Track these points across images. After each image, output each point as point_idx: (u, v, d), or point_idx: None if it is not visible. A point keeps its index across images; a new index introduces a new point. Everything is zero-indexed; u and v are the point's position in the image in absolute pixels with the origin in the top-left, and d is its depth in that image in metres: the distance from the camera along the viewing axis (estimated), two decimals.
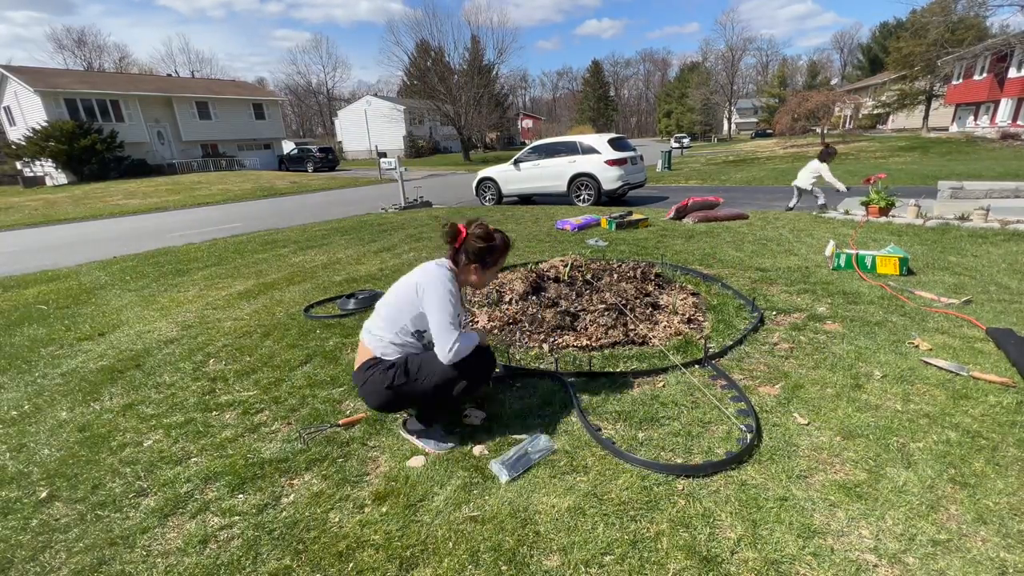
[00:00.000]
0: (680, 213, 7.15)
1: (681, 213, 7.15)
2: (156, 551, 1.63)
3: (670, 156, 19.57)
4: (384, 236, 7.30)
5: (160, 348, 3.40)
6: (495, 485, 1.83)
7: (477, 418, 2.24)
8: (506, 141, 47.69)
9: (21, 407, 2.69)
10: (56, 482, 2.02)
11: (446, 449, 2.04)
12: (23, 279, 6.11)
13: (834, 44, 74.63)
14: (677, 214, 7.16)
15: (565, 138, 10.65)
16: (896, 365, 2.51)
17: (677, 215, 7.16)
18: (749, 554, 1.47)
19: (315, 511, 1.75)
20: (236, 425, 2.35)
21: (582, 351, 2.85)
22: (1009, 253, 4.45)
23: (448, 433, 2.13)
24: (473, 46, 36.96)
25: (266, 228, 9.27)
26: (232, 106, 29.83)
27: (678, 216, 7.15)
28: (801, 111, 26.01)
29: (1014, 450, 1.85)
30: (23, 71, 24.97)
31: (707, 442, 1.99)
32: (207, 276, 5.49)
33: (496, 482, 1.84)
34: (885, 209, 6.20)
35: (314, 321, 3.71)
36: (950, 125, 31.54)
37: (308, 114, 71.55)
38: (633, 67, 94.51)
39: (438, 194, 13.91)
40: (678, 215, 7.16)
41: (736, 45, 57.65)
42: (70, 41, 51.25)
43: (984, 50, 23.33)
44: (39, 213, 14.20)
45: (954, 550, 1.45)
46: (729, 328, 3.10)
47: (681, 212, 7.16)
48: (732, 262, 4.60)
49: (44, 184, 23.54)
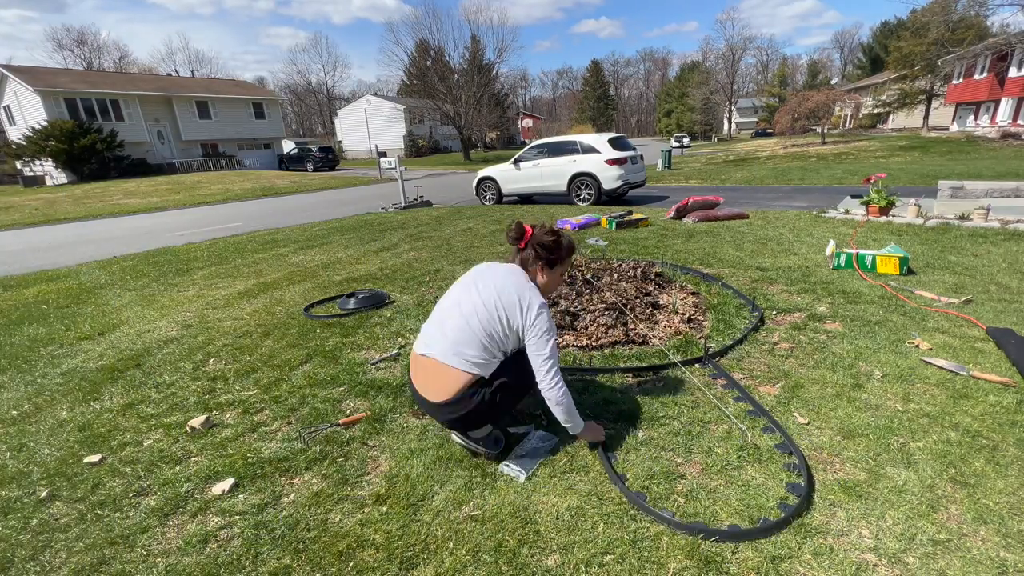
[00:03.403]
0: (680, 212, 7.15)
1: (681, 212, 7.15)
2: (156, 551, 1.63)
3: (670, 155, 19.56)
4: (384, 235, 7.29)
5: (160, 348, 3.40)
6: (495, 484, 1.83)
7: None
8: (506, 140, 47.66)
9: (21, 406, 2.69)
10: (56, 482, 2.02)
11: (502, 447, 2.00)
12: (23, 278, 6.11)
13: (834, 43, 74.65)
14: (677, 213, 7.16)
15: (565, 137, 10.64)
16: (896, 365, 2.51)
17: (677, 214, 7.16)
18: (749, 553, 1.47)
19: (315, 511, 1.75)
20: (236, 425, 2.35)
21: (582, 350, 2.85)
22: (1009, 253, 4.45)
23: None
24: (473, 45, 36.95)
25: (266, 227, 9.27)
26: (232, 105, 29.81)
27: (678, 215, 7.15)
28: (801, 110, 25.99)
29: (1014, 450, 1.85)
30: (23, 70, 24.96)
31: (707, 442, 1.99)
32: (207, 276, 5.49)
33: (496, 481, 1.84)
34: (885, 208, 6.20)
35: (314, 321, 3.71)
36: (950, 125, 31.52)
37: (308, 113, 71.53)
38: (633, 66, 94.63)
39: (438, 193, 13.91)
40: (678, 214, 7.15)
41: (736, 44, 57.65)
42: (69, 40, 51.28)
43: (984, 49, 23.30)
44: (39, 212, 14.20)
45: (954, 550, 1.45)
46: (729, 327, 3.10)
47: (681, 211, 7.16)
48: (732, 261, 4.60)
49: (44, 183, 23.53)
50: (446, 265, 5.13)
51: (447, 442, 2.08)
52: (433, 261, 5.37)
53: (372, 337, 3.30)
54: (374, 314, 3.74)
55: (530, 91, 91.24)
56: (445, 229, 7.45)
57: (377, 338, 3.28)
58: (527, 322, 1.81)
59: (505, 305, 1.82)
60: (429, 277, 4.71)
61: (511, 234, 1.97)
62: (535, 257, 1.96)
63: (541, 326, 1.80)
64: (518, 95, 74.03)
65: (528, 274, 1.97)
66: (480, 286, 1.90)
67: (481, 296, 1.86)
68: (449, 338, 1.84)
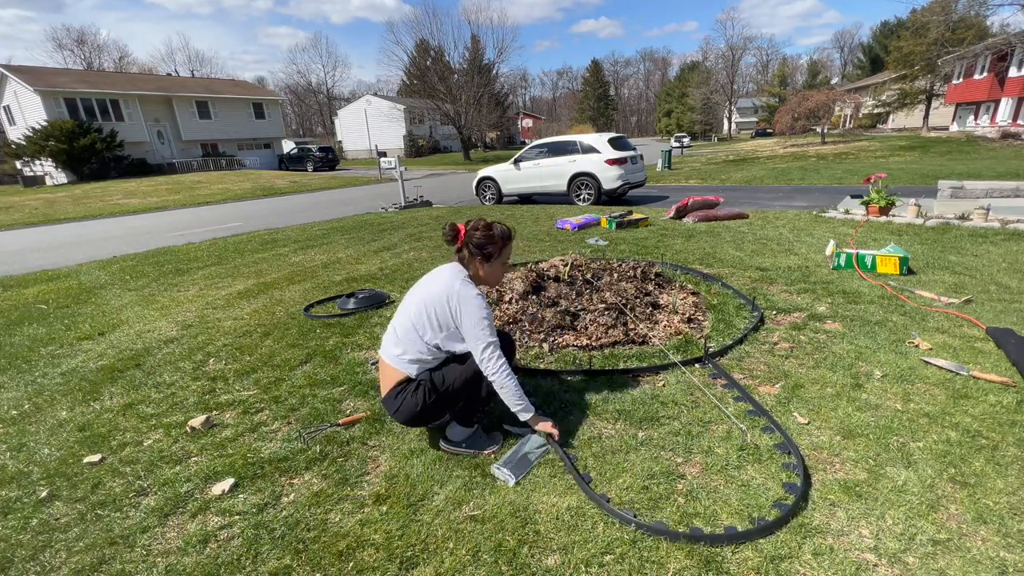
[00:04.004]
0: (680, 212, 7.15)
1: (681, 212, 7.15)
2: (156, 551, 1.63)
3: (670, 155, 19.56)
4: (384, 235, 7.29)
5: (160, 347, 3.40)
6: (495, 484, 1.83)
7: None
8: (506, 140, 47.66)
9: (21, 406, 2.69)
10: (56, 482, 2.02)
11: (499, 445, 2.03)
12: (23, 278, 6.10)
13: (834, 43, 74.63)
14: (677, 213, 7.16)
15: (565, 137, 10.64)
16: (896, 364, 2.51)
17: (677, 214, 7.16)
18: (749, 553, 1.47)
19: (315, 511, 1.75)
20: (236, 425, 2.35)
21: (582, 350, 2.84)
22: (1009, 252, 4.45)
23: (487, 433, 2.11)
24: (473, 45, 36.93)
25: (266, 227, 9.27)
26: (232, 105, 29.80)
27: (678, 215, 7.15)
28: (801, 110, 25.98)
29: (1014, 450, 1.85)
30: (23, 70, 24.95)
31: (707, 442, 1.99)
32: (207, 275, 5.49)
33: (496, 481, 1.84)
34: (885, 208, 6.20)
35: (314, 320, 3.71)
36: (950, 124, 31.52)
37: (308, 113, 71.53)
38: (633, 66, 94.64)
39: (438, 193, 13.91)
40: (678, 214, 7.15)
41: (736, 44, 57.65)
42: (69, 40, 51.26)
43: (984, 49, 23.29)
44: (39, 212, 14.19)
45: (954, 549, 1.45)
46: (729, 327, 3.10)
47: (681, 211, 7.16)
48: (732, 261, 4.60)
49: (44, 183, 23.53)
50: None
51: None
52: (433, 261, 5.37)
53: (372, 337, 3.30)
54: (374, 314, 3.74)
55: (530, 91, 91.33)
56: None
57: (377, 338, 3.28)
58: (456, 312, 1.89)
59: (435, 302, 1.91)
60: None
61: (447, 236, 2.01)
62: (470, 255, 2.00)
63: (472, 313, 1.87)
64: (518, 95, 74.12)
65: (468, 271, 2.01)
66: (420, 288, 2.02)
67: (415, 297, 2.00)
68: (395, 338, 1.99)
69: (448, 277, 1.95)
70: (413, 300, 2.00)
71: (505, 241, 2.04)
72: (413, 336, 1.93)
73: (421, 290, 2.00)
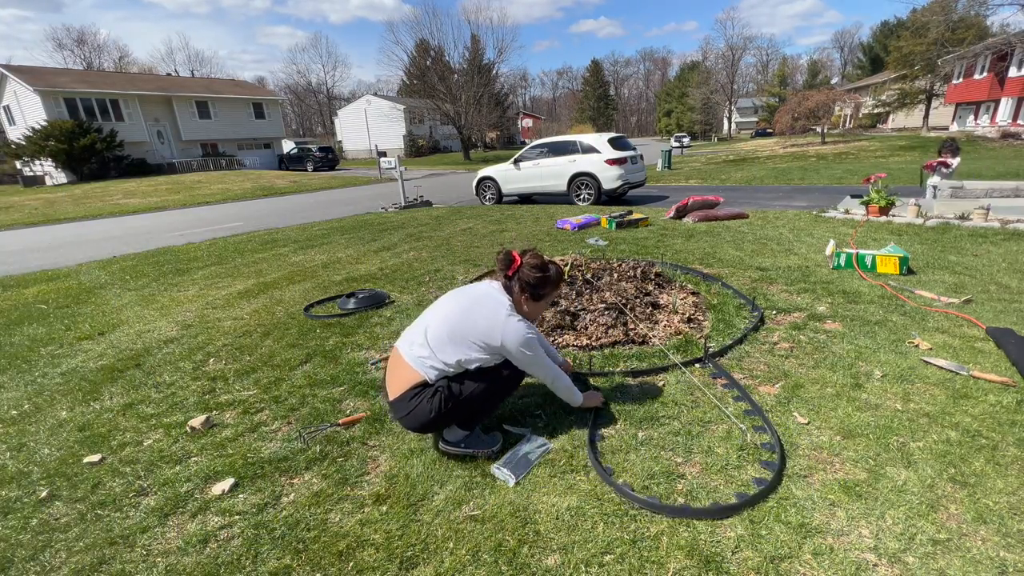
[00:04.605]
0: (680, 212, 7.15)
1: (681, 212, 7.15)
2: (156, 551, 1.63)
3: (670, 155, 19.57)
4: (384, 235, 7.29)
5: (160, 347, 3.40)
6: (495, 484, 1.83)
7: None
8: (506, 140, 47.65)
9: (21, 406, 2.69)
10: (56, 482, 2.02)
11: (498, 444, 2.02)
12: (23, 278, 6.11)
13: (834, 43, 74.57)
14: (677, 213, 7.16)
15: (565, 137, 10.64)
16: (896, 364, 2.51)
17: (677, 214, 7.16)
18: (749, 553, 1.47)
19: (315, 510, 1.75)
20: (236, 425, 2.35)
21: (582, 350, 2.84)
22: (1009, 252, 4.45)
23: (486, 432, 2.10)
24: (473, 45, 36.96)
25: (266, 227, 9.27)
26: (232, 105, 29.81)
27: (678, 215, 7.15)
28: (801, 110, 25.99)
29: (1014, 449, 1.85)
30: (23, 70, 24.95)
31: (707, 441, 1.99)
32: (207, 275, 5.49)
33: (496, 481, 1.84)
34: (885, 208, 6.20)
35: (314, 320, 3.71)
36: (950, 124, 31.52)
37: (308, 113, 71.55)
38: (633, 66, 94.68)
39: (438, 193, 13.91)
40: (678, 214, 7.15)
41: (736, 44, 57.66)
42: (69, 40, 51.31)
43: (984, 49, 23.29)
44: (39, 212, 14.19)
45: (954, 549, 1.45)
46: (729, 327, 3.10)
47: (681, 211, 7.15)
48: (732, 261, 4.60)
49: (44, 183, 23.53)
50: (446, 265, 5.13)
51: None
52: (433, 261, 5.37)
53: (372, 337, 3.30)
54: (374, 314, 3.74)
55: (530, 91, 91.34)
56: (445, 229, 7.45)
57: (377, 338, 3.28)
58: (505, 347, 1.87)
59: (482, 335, 1.87)
60: (429, 277, 4.71)
61: (500, 263, 2.00)
62: (520, 290, 2.00)
63: (529, 353, 1.89)
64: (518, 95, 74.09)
65: (511, 297, 1.99)
66: (461, 305, 1.96)
67: (456, 311, 1.94)
68: (423, 340, 1.92)
69: (492, 309, 1.90)
70: (454, 312, 1.94)
71: (558, 285, 2.05)
72: (449, 349, 1.87)
73: (463, 308, 1.94)
